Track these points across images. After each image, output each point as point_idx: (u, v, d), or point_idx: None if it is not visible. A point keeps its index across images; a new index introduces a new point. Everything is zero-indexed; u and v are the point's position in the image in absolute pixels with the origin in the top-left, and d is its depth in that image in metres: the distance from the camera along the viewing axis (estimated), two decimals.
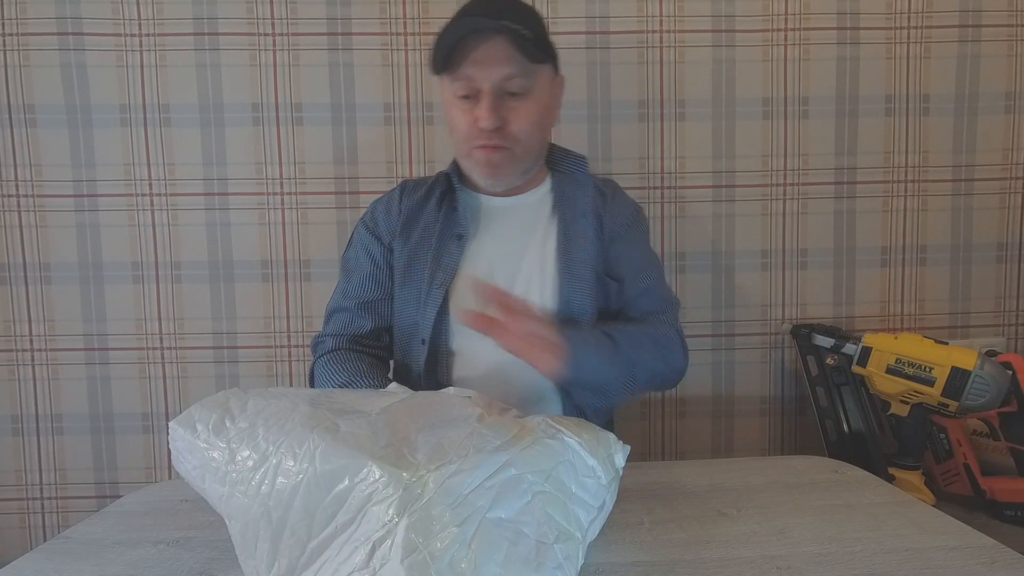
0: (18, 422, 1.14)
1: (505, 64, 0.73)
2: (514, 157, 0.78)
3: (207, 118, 1.11)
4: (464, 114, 0.76)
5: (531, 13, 0.78)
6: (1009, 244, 1.17)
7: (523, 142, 0.78)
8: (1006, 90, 1.14)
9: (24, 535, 1.15)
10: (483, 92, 0.74)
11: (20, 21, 1.08)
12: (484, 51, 0.72)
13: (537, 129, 0.79)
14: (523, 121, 0.76)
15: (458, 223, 0.83)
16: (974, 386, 0.88)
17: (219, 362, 1.13)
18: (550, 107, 0.81)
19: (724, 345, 1.16)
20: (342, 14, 1.10)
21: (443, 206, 0.85)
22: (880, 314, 1.17)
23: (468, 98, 0.76)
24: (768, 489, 0.66)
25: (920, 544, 0.54)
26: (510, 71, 0.73)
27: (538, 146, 0.81)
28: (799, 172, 1.14)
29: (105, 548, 0.57)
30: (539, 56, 0.74)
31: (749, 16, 1.12)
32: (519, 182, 0.84)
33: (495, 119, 0.74)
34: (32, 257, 1.12)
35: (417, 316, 0.82)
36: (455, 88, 0.76)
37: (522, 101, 0.76)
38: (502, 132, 0.76)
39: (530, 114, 0.76)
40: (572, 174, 0.87)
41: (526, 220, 0.84)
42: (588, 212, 0.84)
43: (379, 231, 0.87)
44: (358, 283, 0.86)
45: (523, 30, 0.72)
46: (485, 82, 0.73)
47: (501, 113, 0.75)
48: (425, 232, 0.84)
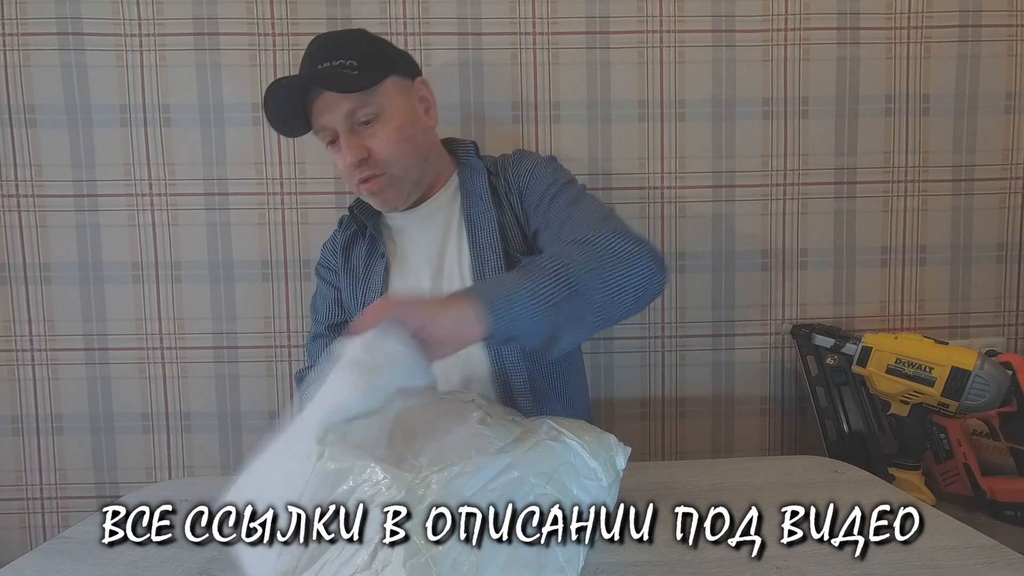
0: (18, 422, 1.14)
1: (340, 103, 0.75)
2: (393, 178, 0.80)
3: (207, 118, 1.11)
4: (338, 158, 0.80)
5: (352, 39, 0.79)
6: (1009, 244, 1.17)
7: (394, 161, 0.79)
8: (1006, 90, 1.14)
9: (24, 535, 1.15)
10: (340, 133, 0.78)
11: (20, 21, 1.08)
12: (319, 102, 0.76)
13: (402, 144, 0.79)
14: (384, 142, 0.78)
15: (378, 244, 0.87)
16: (974, 386, 0.88)
17: (219, 362, 1.13)
18: (412, 116, 0.81)
19: (724, 345, 1.16)
20: (342, 14, 1.10)
21: (366, 235, 0.90)
22: (880, 314, 1.17)
23: (334, 142, 0.80)
24: (768, 489, 0.66)
25: (920, 544, 0.54)
26: (349, 106, 0.75)
27: (415, 158, 0.82)
28: (799, 172, 1.14)
29: (105, 548, 0.57)
30: (369, 80, 0.75)
31: (749, 16, 1.11)
32: (415, 196, 0.85)
33: (356, 153, 0.77)
34: (32, 257, 1.12)
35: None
36: (321, 139, 0.81)
37: (376, 125, 0.78)
38: (370, 161, 0.78)
39: (388, 134, 0.78)
40: (467, 162, 0.89)
41: (439, 222, 0.86)
42: (484, 193, 0.85)
43: (329, 266, 0.95)
44: (325, 310, 0.93)
45: (344, 63, 0.74)
46: (336, 124, 0.77)
47: (361, 144, 0.77)
48: (357, 260, 0.90)
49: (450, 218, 0.86)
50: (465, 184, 0.86)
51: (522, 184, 0.84)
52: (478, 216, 0.83)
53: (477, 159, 0.89)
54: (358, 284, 0.88)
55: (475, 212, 0.84)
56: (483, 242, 0.82)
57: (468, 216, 0.84)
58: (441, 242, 0.85)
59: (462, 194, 0.86)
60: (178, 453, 1.15)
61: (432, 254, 0.84)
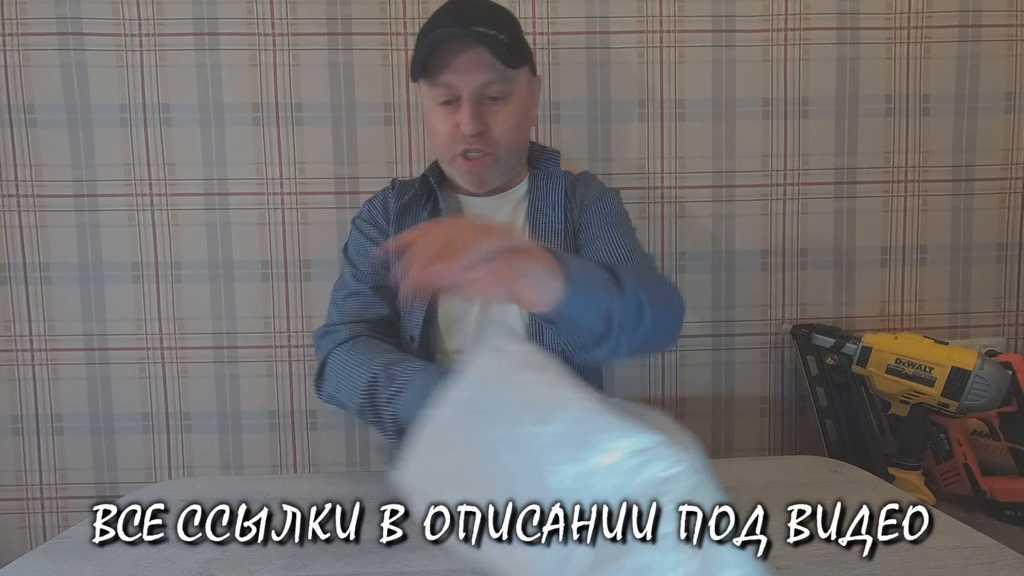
0: (18, 422, 1.14)
1: (483, 70, 0.74)
2: (496, 161, 0.80)
3: (207, 118, 1.11)
4: (445, 119, 0.77)
5: (506, 16, 0.79)
6: (1009, 244, 1.17)
7: (504, 145, 0.79)
8: (1006, 90, 1.14)
9: (24, 535, 1.15)
10: (463, 98, 0.75)
11: (20, 21, 1.08)
12: (462, 59, 0.74)
13: (516, 132, 0.80)
14: (503, 125, 0.78)
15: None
16: (974, 386, 0.88)
17: (219, 362, 1.13)
18: (528, 109, 0.82)
19: (724, 345, 1.16)
20: (342, 14, 1.10)
21: (428, 207, 0.87)
22: (880, 314, 1.17)
23: (449, 103, 0.77)
24: (768, 489, 0.66)
25: (920, 544, 0.54)
26: (488, 77, 0.74)
27: (518, 148, 0.83)
28: (799, 172, 1.14)
29: (105, 548, 0.57)
30: (515, 61, 0.75)
31: (749, 16, 1.11)
32: (500, 183, 0.85)
33: (477, 124, 0.75)
34: (32, 257, 1.12)
35: (405, 315, 0.82)
36: (435, 94, 0.77)
37: (501, 105, 0.77)
38: (484, 136, 0.77)
39: (510, 118, 0.78)
40: (546, 169, 0.89)
41: (504, 219, 0.86)
42: (557, 204, 0.85)
43: (378, 224, 0.87)
44: (368, 269, 0.84)
45: (499, 35, 0.73)
46: (465, 88, 0.75)
47: (482, 118, 0.76)
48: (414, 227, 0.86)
49: (515, 217, 0.86)
50: (538, 189, 0.86)
51: (586, 202, 0.85)
52: (546, 224, 0.84)
53: (559, 170, 0.89)
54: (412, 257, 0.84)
55: (544, 219, 0.84)
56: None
57: (534, 221, 0.84)
58: None
59: (531, 198, 0.86)
60: (178, 453, 1.15)
61: None
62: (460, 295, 0.51)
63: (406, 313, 0.83)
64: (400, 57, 1.11)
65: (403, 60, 1.11)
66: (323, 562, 0.53)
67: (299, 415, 1.15)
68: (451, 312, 0.83)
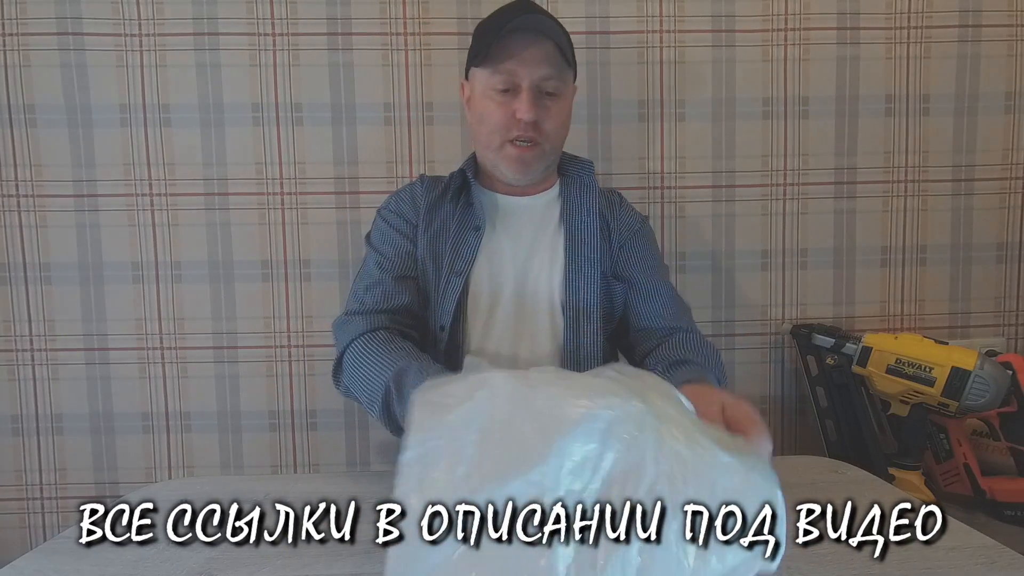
0: (18, 422, 1.14)
1: (547, 64, 0.78)
2: (543, 153, 0.82)
3: (207, 118, 1.11)
4: (500, 107, 0.79)
5: (561, 24, 0.83)
6: (1009, 244, 1.17)
7: (552, 139, 0.82)
8: (1006, 90, 1.14)
9: (24, 535, 1.15)
10: (523, 87, 0.78)
11: (20, 21, 1.08)
12: (531, 50, 0.77)
13: (563, 130, 0.84)
14: (555, 120, 0.81)
15: (475, 216, 0.85)
16: (974, 386, 0.88)
17: (219, 362, 1.13)
18: (570, 111, 0.85)
19: (724, 345, 1.16)
20: (342, 14, 1.10)
21: (459, 201, 0.87)
22: (880, 314, 1.17)
23: (507, 92, 0.79)
24: None
25: (920, 544, 0.54)
26: (549, 72, 0.78)
27: (559, 145, 0.86)
28: (799, 172, 1.14)
29: (105, 548, 0.57)
30: (573, 61, 0.81)
31: (749, 16, 1.11)
32: (540, 178, 0.87)
33: (534, 112, 0.78)
34: (32, 257, 1.12)
35: (436, 306, 0.83)
36: (494, 81, 0.79)
37: (555, 101, 0.80)
38: (537, 127, 0.79)
39: (560, 114, 0.82)
40: (579, 177, 0.90)
41: (536, 219, 0.87)
42: (593, 212, 0.86)
43: (406, 216, 0.87)
44: (393, 256, 0.83)
45: (562, 35, 0.79)
46: (526, 78, 0.77)
47: (538, 109, 0.78)
48: (443, 225, 0.86)
49: (546, 219, 0.87)
50: (571, 195, 0.88)
51: (632, 229, 0.89)
52: (582, 229, 0.85)
53: (593, 179, 0.91)
54: (443, 249, 0.84)
55: (579, 224, 0.86)
56: (582, 254, 0.84)
57: (569, 224, 0.86)
58: (533, 237, 0.86)
59: (564, 201, 0.88)
60: (178, 453, 1.15)
61: (522, 245, 0.86)
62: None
63: (437, 304, 0.82)
64: (400, 57, 1.11)
65: (403, 60, 1.11)
66: (323, 562, 0.53)
67: (299, 415, 1.15)
68: (481, 303, 0.83)
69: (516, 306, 0.83)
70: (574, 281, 0.83)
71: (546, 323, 0.83)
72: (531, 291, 0.84)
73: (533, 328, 0.83)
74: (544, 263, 0.84)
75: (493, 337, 0.82)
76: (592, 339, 0.82)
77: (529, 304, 0.83)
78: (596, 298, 0.83)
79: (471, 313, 0.83)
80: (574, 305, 0.82)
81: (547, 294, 0.83)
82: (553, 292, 0.83)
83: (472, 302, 0.83)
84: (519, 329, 0.83)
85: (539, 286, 0.84)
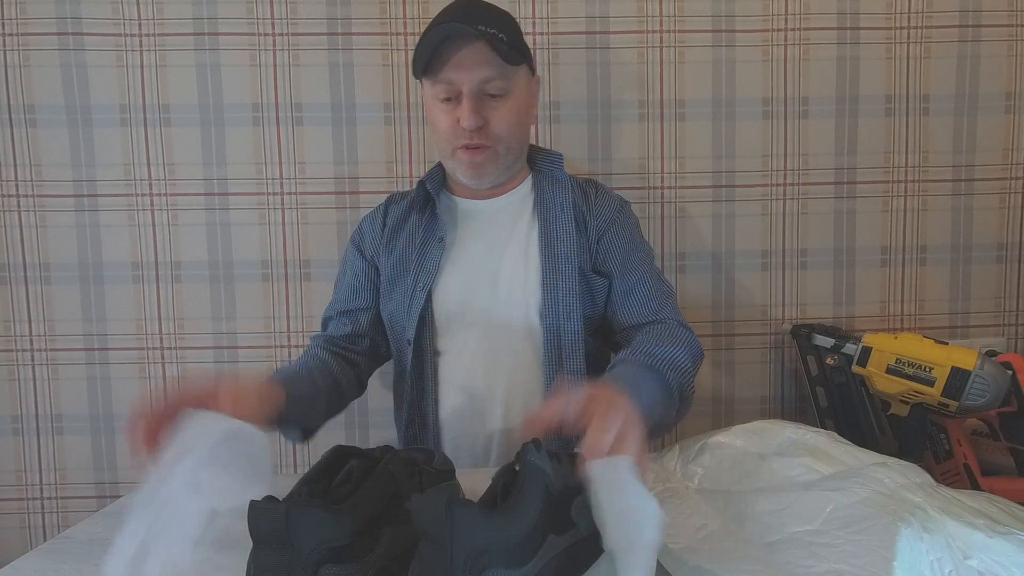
0: (18, 422, 1.14)
1: (483, 67, 0.76)
2: (496, 155, 0.82)
3: (207, 118, 1.11)
4: (446, 115, 0.80)
5: (506, 17, 0.81)
6: (1009, 244, 1.17)
7: (504, 140, 0.81)
8: (1006, 90, 1.14)
9: (24, 535, 1.15)
10: (464, 94, 0.77)
11: (20, 21, 1.08)
12: (463, 55, 0.76)
13: (516, 128, 0.82)
14: (503, 121, 0.80)
15: (439, 227, 0.86)
16: (974, 386, 0.88)
17: (219, 362, 1.13)
18: (528, 107, 0.84)
19: (724, 345, 1.16)
20: (342, 14, 1.10)
21: (425, 212, 0.88)
22: (880, 314, 1.17)
23: (450, 100, 0.79)
24: None
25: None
26: (488, 74, 0.77)
27: (518, 144, 0.84)
28: (799, 172, 1.14)
29: (105, 548, 0.57)
30: (515, 58, 0.78)
31: (749, 16, 1.11)
32: (502, 179, 0.86)
33: (476, 119, 0.77)
34: (32, 257, 1.12)
35: (404, 319, 0.84)
36: (436, 91, 0.79)
37: (501, 102, 0.79)
38: (484, 131, 0.79)
39: (509, 114, 0.80)
40: (550, 172, 0.89)
41: (506, 220, 0.87)
42: (567, 207, 0.85)
43: (364, 247, 0.91)
44: (340, 294, 0.92)
45: (499, 34, 0.76)
46: (465, 84, 0.77)
47: (482, 113, 0.78)
48: (410, 239, 0.88)
49: (517, 219, 0.86)
50: (543, 192, 0.87)
51: (608, 218, 0.87)
52: (556, 227, 0.84)
53: (564, 173, 0.90)
54: (408, 263, 0.86)
55: (553, 222, 0.85)
56: (559, 253, 0.83)
57: (543, 223, 0.85)
58: (505, 240, 0.85)
59: (536, 200, 0.87)
60: None
61: (495, 250, 0.85)
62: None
63: (402, 317, 0.84)
64: (400, 57, 1.11)
65: (403, 60, 1.11)
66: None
67: None
68: (452, 318, 0.83)
69: (488, 327, 0.82)
70: (552, 280, 0.82)
71: (522, 337, 0.82)
72: (503, 300, 0.83)
73: (509, 349, 0.82)
74: (517, 266, 0.83)
75: (463, 346, 0.83)
76: (574, 339, 0.81)
77: (502, 321, 0.82)
78: (575, 300, 0.81)
79: (441, 325, 0.84)
80: (553, 305, 0.81)
81: (522, 299, 0.82)
82: (528, 296, 0.82)
83: (441, 315, 0.84)
84: (494, 350, 0.82)
85: (513, 295, 0.83)
